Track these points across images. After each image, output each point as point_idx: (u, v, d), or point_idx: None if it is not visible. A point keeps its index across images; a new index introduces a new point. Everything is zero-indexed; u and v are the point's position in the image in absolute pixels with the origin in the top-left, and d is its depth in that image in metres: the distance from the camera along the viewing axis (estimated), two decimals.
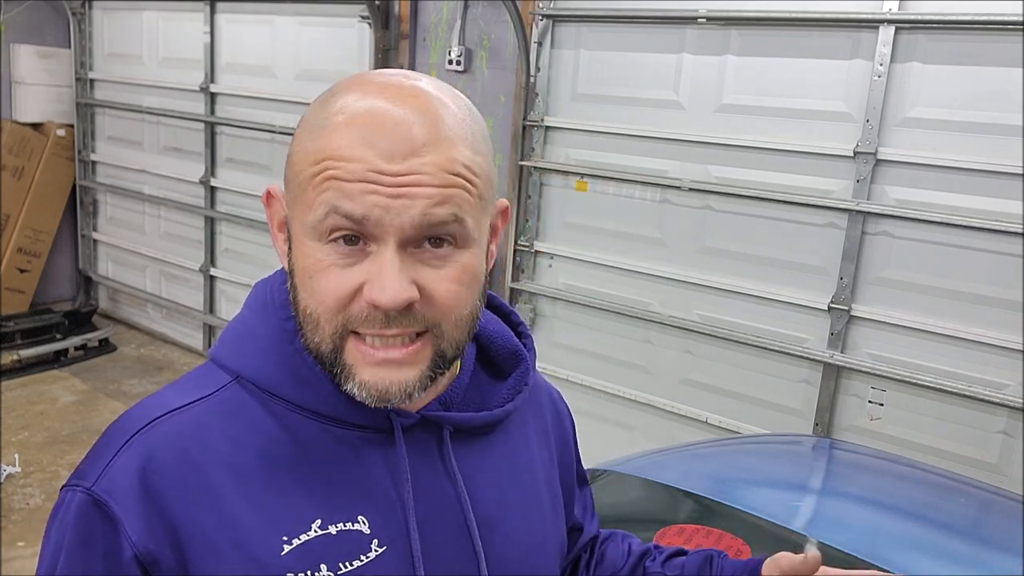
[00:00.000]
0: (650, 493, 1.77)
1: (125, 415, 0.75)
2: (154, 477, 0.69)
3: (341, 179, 0.65)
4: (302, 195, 0.68)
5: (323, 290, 0.68)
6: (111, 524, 0.68)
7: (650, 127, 3.43)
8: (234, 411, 0.73)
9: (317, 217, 0.66)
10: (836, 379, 3.11)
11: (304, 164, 0.68)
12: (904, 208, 2.90)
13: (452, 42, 3.90)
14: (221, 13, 4.96)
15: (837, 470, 2.23)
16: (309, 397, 0.74)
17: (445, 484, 0.77)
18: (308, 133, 0.69)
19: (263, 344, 0.75)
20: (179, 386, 0.77)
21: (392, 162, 0.65)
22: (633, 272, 3.56)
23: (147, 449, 0.70)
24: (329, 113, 0.68)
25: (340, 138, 0.66)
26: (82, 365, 5.09)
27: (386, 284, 0.65)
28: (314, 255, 0.68)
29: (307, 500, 0.71)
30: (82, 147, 5.84)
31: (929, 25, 2.80)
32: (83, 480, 0.70)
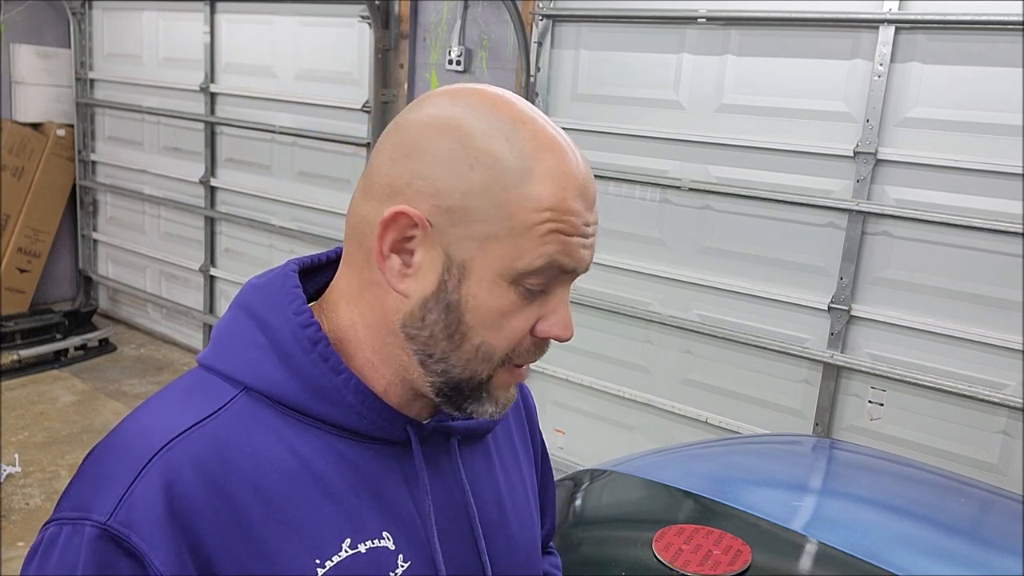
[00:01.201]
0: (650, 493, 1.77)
1: (123, 435, 0.69)
2: (180, 503, 0.63)
3: (565, 233, 0.67)
4: (510, 240, 0.67)
5: (513, 329, 0.70)
6: (135, 559, 0.62)
7: (650, 127, 3.43)
8: (250, 426, 0.69)
9: (534, 267, 0.67)
10: (836, 379, 3.11)
11: (515, 208, 0.66)
12: (904, 208, 2.90)
13: (452, 42, 3.90)
14: (221, 13, 4.96)
15: (837, 470, 2.23)
16: (328, 410, 0.71)
17: (455, 493, 0.78)
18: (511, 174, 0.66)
19: (276, 352, 0.71)
20: (176, 400, 0.71)
21: (591, 212, 0.70)
22: (633, 272, 3.56)
23: (169, 473, 0.64)
24: (525, 152, 0.67)
25: (559, 186, 0.67)
26: (82, 365, 5.09)
27: (567, 322, 0.71)
28: (508, 297, 0.69)
29: (334, 519, 0.69)
30: (82, 147, 5.84)
31: (929, 25, 2.80)
32: (88, 513, 0.63)
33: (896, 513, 1.82)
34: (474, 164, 0.66)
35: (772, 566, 1.46)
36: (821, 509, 1.86)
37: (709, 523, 1.56)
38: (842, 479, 2.15)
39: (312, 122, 4.57)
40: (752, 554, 1.43)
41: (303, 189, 4.70)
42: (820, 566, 1.55)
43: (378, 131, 4.24)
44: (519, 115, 0.69)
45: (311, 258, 0.81)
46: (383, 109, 4.25)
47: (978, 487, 2.12)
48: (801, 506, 1.83)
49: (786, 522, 1.60)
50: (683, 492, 1.74)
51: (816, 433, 3.14)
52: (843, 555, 1.48)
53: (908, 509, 1.86)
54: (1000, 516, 1.93)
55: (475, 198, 0.66)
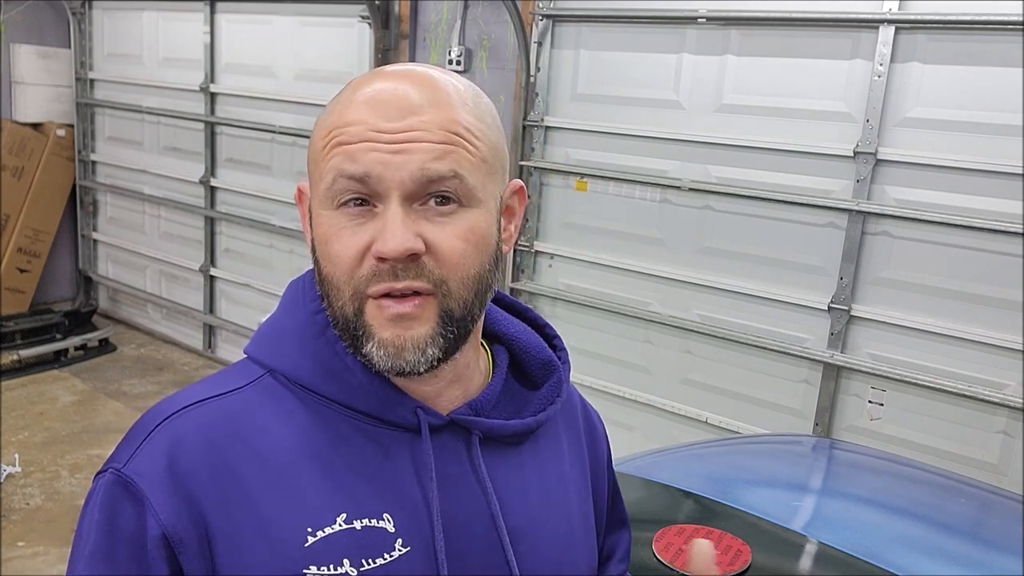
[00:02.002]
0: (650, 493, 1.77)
1: (155, 406, 0.76)
2: (181, 460, 0.70)
3: (344, 143, 0.69)
4: (315, 169, 0.72)
5: (337, 252, 0.70)
6: (138, 502, 0.69)
7: (650, 127, 3.43)
8: (265, 402, 0.74)
9: (327, 184, 0.70)
10: (836, 379, 3.11)
11: (315, 140, 0.73)
12: (904, 208, 2.90)
13: (452, 42, 3.90)
14: (221, 13, 4.96)
15: (837, 470, 2.23)
16: (340, 391, 0.74)
17: (475, 490, 0.77)
18: (323, 118, 0.74)
19: (294, 338, 0.77)
20: (213, 380, 0.78)
21: (392, 120, 0.69)
22: (633, 272, 3.56)
23: (175, 434, 0.71)
24: (341, 96, 0.73)
25: (345, 108, 0.71)
26: (82, 365, 5.09)
27: (388, 236, 0.67)
28: (327, 221, 0.71)
29: (334, 493, 0.71)
30: (82, 147, 5.84)
31: (929, 25, 2.80)
32: (113, 463, 0.72)
33: (896, 513, 1.82)
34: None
35: (772, 566, 1.46)
36: (821, 509, 1.86)
37: (709, 523, 1.56)
38: (842, 479, 2.15)
39: (312, 122, 4.54)
40: (752, 554, 1.43)
41: None
42: (820, 566, 1.55)
43: None
44: (365, 74, 0.75)
45: None
46: None
47: (978, 487, 2.12)
48: (801, 506, 1.83)
49: (786, 522, 1.60)
50: (683, 492, 1.74)
51: (816, 433, 3.14)
52: (843, 555, 1.48)
53: (908, 509, 1.86)
54: (1000, 516, 1.93)
55: (308, 152, 0.75)
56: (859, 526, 1.68)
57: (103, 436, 4.15)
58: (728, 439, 3.10)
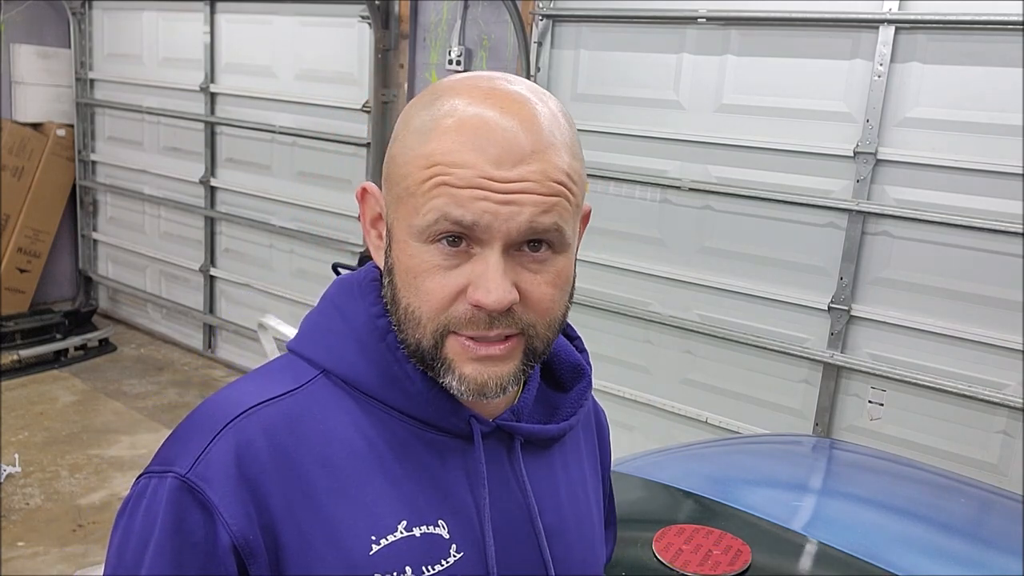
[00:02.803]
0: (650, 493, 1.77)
1: (209, 404, 0.74)
2: (251, 465, 0.68)
3: (452, 185, 0.66)
4: (409, 198, 0.69)
5: (428, 290, 0.69)
6: (207, 511, 0.67)
7: (650, 127, 3.43)
8: (324, 405, 0.74)
9: (426, 222, 0.67)
10: (836, 379, 3.11)
11: (411, 167, 0.69)
12: (904, 208, 2.90)
13: (452, 42, 3.90)
14: (221, 13, 4.96)
15: (837, 470, 2.23)
16: (398, 396, 0.74)
17: (516, 493, 0.78)
18: (414, 135, 0.69)
19: (353, 340, 0.75)
20: (262, 377, 0.76)
21: (501, 168, 0.66)
22: (633, 272, 3.56)
23: (242, 438, 0.69)
24: (436, 116, 0.69)
25: (450, 143, 0.67)
26: (82, 365, 5.09)
27: (491, 287, 0.66)
28: (419, 256, 0.69)
29: (394, 500, 0.72)
30: (82, 147, 5.84)
31: (929, 25, 2.80)
32: (172, 466, 0.69)
33: (896, 513, 1.82)
34: (397, 132, 0.73)
35: (772, 566, 1.46)
36: (821, 509, 1.86)
37: (709, 523, 1.56)
38: (842, 479, 2.15)
39: (312, 122, 4.57)
40: (752, 554, 1.43)
41: (303, 189, 4.70)
42: (820, 566, 1.55)
43: (378, 131, 4.24)
44: (451, 86, 0.71)
45: None
46: (383, 109, 4.25)
47: (978, 487, 2.12)
48: (801, 506, 1.83)
49: (786, 522, 1.60)
50: (683, 492, 1.74)
51: (816, 433, 3.14)
52: (843, 555, 1.48)
53: (908, 509, 1.86)
54: (1000, 516, 1.93)
55: (393, 166, 0.72)
56: (859, 526, 1.68)
57: (103, 436, 4.15)
58: (728, 439, 3.10)
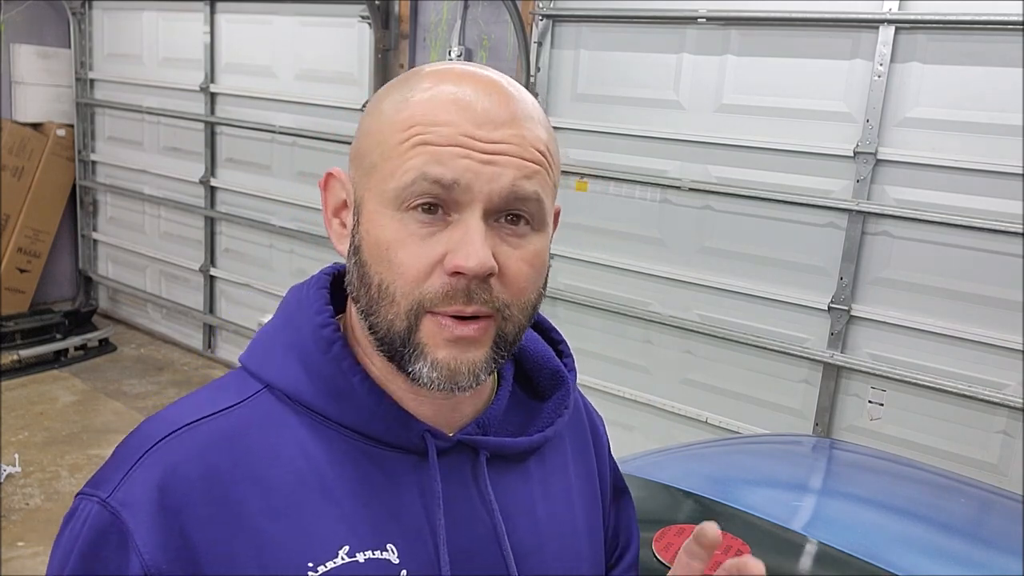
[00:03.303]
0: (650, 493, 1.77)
1: (149, 422, 0.70)
2: (174, 492, 0.64)
3: (432, 143, 0.64)
4: (383, 164, 0.66)
5: (402, 261, 0.64)
6: (122, 537, 0.64)
7: (650, 127, 3.43)
8: (264, 422, 0.69)
9: (402, 183, 0.64)
10: (836, 379, 3.11)
11: (385, 133, 0.66)
12: (904, 208, 2.90)
13: (452, 42, 3.90)
14: (221, 13, 4.96)
15: (837, 470, 2.23)
16: (344, 411, 0.70)
17: (481, 513, 0.73)
18: (388, 110, 0.67)
19: (296, 351, 0.71)
20: (206, 394, 0.73)
21: (483, 129, 0.64)
22: (633, 272, 3.56)
23: (168, 461, 0.66)
24: (411, 90, 0.67)
25: (429, 106, 0.65)
26: (82, 365, 5.09)
27: (472, 251, 0.63)
28: (391, 225, 0.65)
29: (336, 523, 0.67)
30: (82, 147, 5.84)
31: (929, 25, 2.80)
32: (98, 490, 0.66)
33: (896, 513, 1.82)
34: (369, 112, 0.70)
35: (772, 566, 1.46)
36: (821, 509, 1.86)
37: None
38: (842, 479, 2.15)
39: (312, 122, 4.57)
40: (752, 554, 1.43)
41: (303, 189, 4.70)
42: (820, 566, 1.55)
43: None
44: (435, 69, 0.69)
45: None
46: None
47: (978, 487, 2.12)
48: (801, 506, 1.83)
49: (786, 522, 1.60)
50: (683, 492, 1.74)
51: (816, 433, 3.14)
52: (843, 555, 1.48)
53: (908, 509, 1.86)
54: (1000, 516, 1.93)
55: (363, 137, 0.69)
56: (859, 526, 1.68)
57: (103, 436, 4.14)
58: (728, 439, 3.10)
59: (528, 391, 0.84)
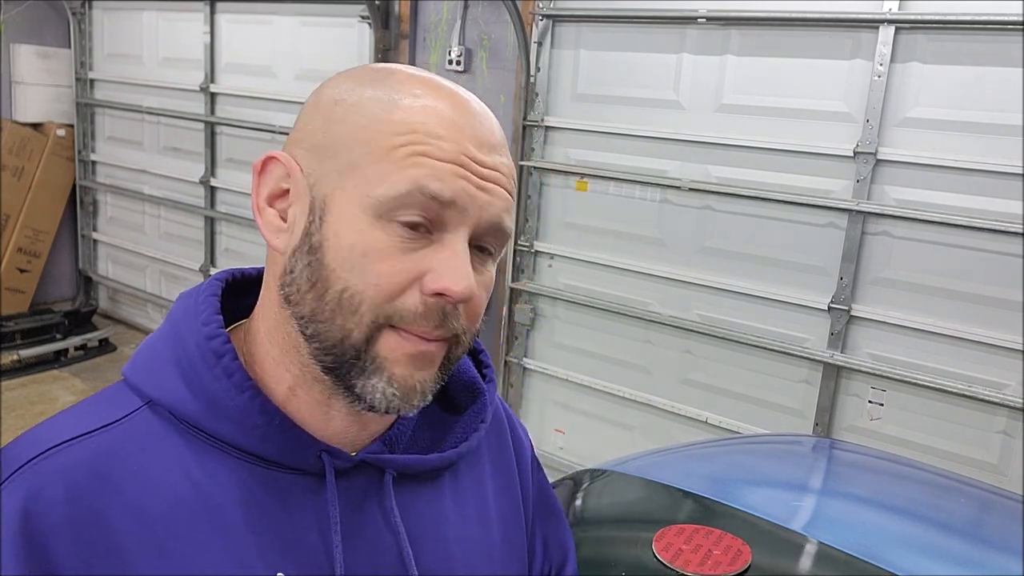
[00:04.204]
0: (650, 493, 1.77)
1: (16, 441, 0.63)
2: (40, 519, 0.58)
3: (432, 156, 0.61)
4: (370, 166, 0.61)
5: (379, 272, 0.60)
6: None
7: (650, 127, 3.43)
8: (144, 442, 0.63)
9: (395, 192, 0.60)
10: (836, 379, 3.11)
11: (374, 132, 0.62)
12: (904, 208, 2.91)
13: (452, 42, 3.90)
14: (221, 13, 4.96)
15: (837, 470, 2.23)
16: (233, 431, 0.64)
17: (385, 537, 0.68)
18: (374, 104, 0.63)
19: (180, 365, 0.65)
20: (81, 410, 0.66)
21: (481, 151, 0.63)
22: (633, 272, 3.56)
23: (33, 486, 0.59)
24: (400, 91, 0.64)
25: (427, 113, 0.62)
26: (82, 365, 5.09)
27: (460, 274, 0.61)
28: (371, 232, 0.60)
29: (222, 553, 0.62)
30: (82, 147, 5.84)
31: (929, 25, 2.80)
32: None
33: (896, 513, 1.82)
34: (339, 101, 0.65)
35: (772, 566, 1.46)
36: (821, 509, 1.86)
37: (709, 523, 1.56)
38: (842, 479, 2.15)
39: None
40: (752, 554, 1.43)
41: None
42: (820, 566, 1.55)
43: None
44: (404, 71, 0.67)
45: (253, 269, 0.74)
46: None
47: (978, 487, 2.12)
48: (801, 506, 1.83)
49: (786, 522, 1.60)
50: (683, 492, 1.74)
51: (816, 433, 3.14)
52: (843, 555, 1.48)
53: (908, 509, 1.86)
54: (1000, 516, 1.93)
55: (334, 129, 0.64)
56: (859, 526, 1.68)
57: None
58: (728, 439, 3.10)
59: (443, 404, 0.80)
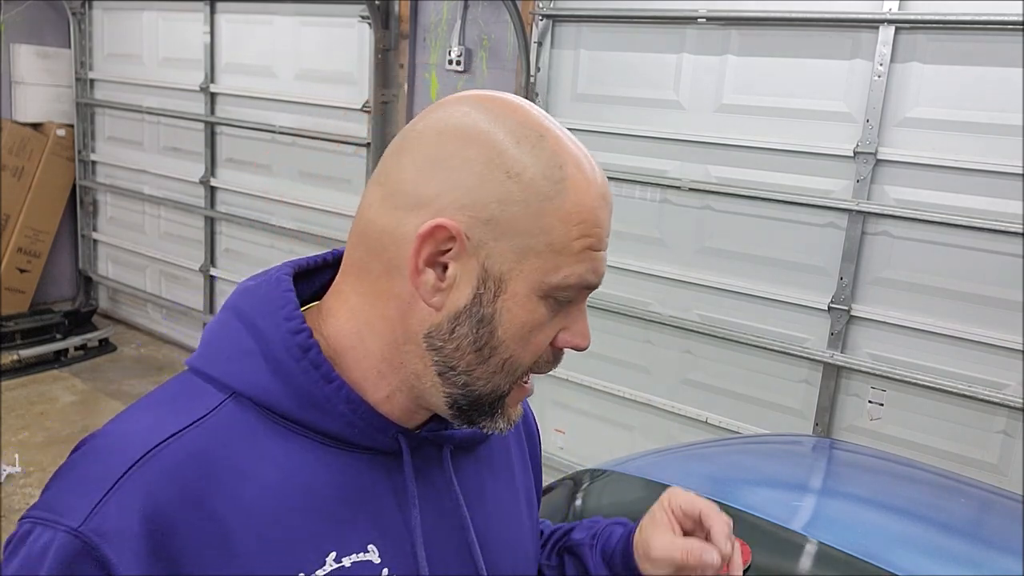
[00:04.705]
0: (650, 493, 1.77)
1: (104, 441, 0.66)
2: (155, 517, 0.61)
3: (595, 248, 0.70)
4: (549, 255, 0.67)
5: (538, 343, 0.70)
6: (98, 569, 0.60)
7: (650, 127, 3.43)
8: (236, 435, 0.67)
9: (564, 283, 0.68)
10: (836, 379, 3.11)
11: (554, 220, 0.67)
12: (904, 208, 2.90)
13: (452, 42, 3.90)
14: (221, 13, 4.96)
15: (837, 470, 2.23)
16: (316, 418, 0.69)
17: (447, 504, 0.77)
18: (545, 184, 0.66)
19: (267, 358, 0.68)
20: (162, 406, 0.69)
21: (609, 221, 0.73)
22: (633, 272, 3.56)
23: (146, 487, 0.62)
24: (561, 164, 0.67)
25: (588, 199, 0.68)
26: (82, 365, 5.09)
27: (587, 332, 0.73)
28: (537, 310, 0.69)
29: (320, 531, 0.68)
30: (82, 147, 5.84)
31: (929, 25, 2.80)
32: (62, 517, 0.61)
33: (896, 513, 1.82)
34: (509, 173, 0.66)
35: (772, 566, 1.46)
36: (821, 509, 1.86)
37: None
38: (842, 479, 2.15)
39: (312, 122, 4.57)
40: (752, 554, 1.43)
41: (303, 189, 4.70)
42: (820, 566, 1.55)
43: (378, 131, 4.24)
44: (541, 124, 0.69)
45: (308, 260, 0.78)
46: (383, 109, 4.25)
47: (978, 487, 2.12)
48: (801, 506, 1.83)
49: (786, 522, 1.60)
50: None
51: (816, 433, 3.14)
52: (843, 555, 1.48)
53: (908, 509, 1.86)
54: (1000, 516, 1.93)
55: (512, 209, 0.66)
56: (859, 526, 1.68)
57: None
58: (728, 439, 3.10)
59: None
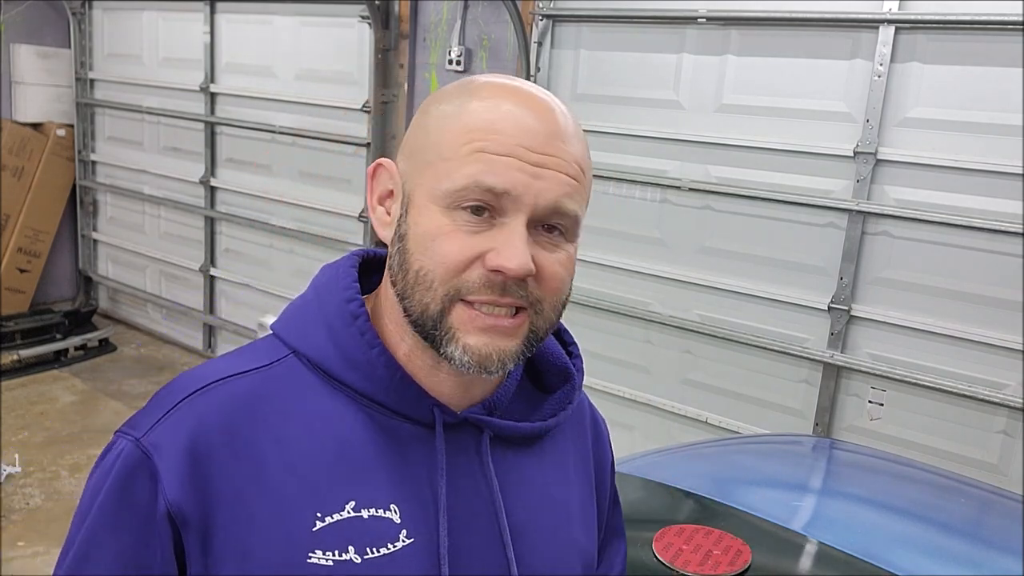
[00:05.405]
0: (650, 493, 1.77)
1: (183, 376, 0.77)
2: (201, 440, 0.71)
3: (488, 151, 0.69)
4: (440, 164, 0.71)
5: (444, 252, 0.70)
6: (151, 477, 0.70)
7: (650, 127, 3.43)
8: (289, 383, 0.76)
9: (456, 186, 0.69)
10: (836, 379, 3.11)
11: (445, 134, 0.72)
12: (904, 208, 2.90)
13: (452, 42, 3.90)
14: (221, 13, 4.96)
15: (837, 470, 2.23)
16: (361, 381, 0.76)
17: (481, 487, 0.79)
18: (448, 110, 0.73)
19: (323, 323, 0.77)
20: (239, 355, 0.79)
21: (536, 141, 0.70)
22: (633, 272, 3.56)
23: (198, 412, 0.72)
24: (472, 97, 0.73)
25: (488, 115, 0.71)
26: (82, 365, 5.09)
27: (515, 253, 0.69)
28: (438, 220, 0.71)
29: (346, 481, 0.73)
30: (82, 147, 5.84)
31: (929, 25, 2.80)
32: (134, 430, 0.73)
33: (896, 513, 1.82)
34: (426, 112, 0.76)
35: (772, 566, 1.46)
36: (821, 509, 1.86)
37: (709, 523, 1.56)
38: (842, 479, 2.15)
39: (312, 122, 4.57)
40: (752, 554, 1.43)
41: (303, 189, 4.70)
42: (820, 566, 1.55)
43: (378, 131, 4.24)
44: (490, 79, 0.75)
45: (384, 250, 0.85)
46: (383, 109, 4.25)
47: (978, 487, 2.12)
48: (801, 506, 1.83)
49: (786, 522, 1.60)
50: (683, 492, 1.74)
51: (816, 433, 3.14)
52: (843, 555, 1.48)
53: (908, 509, 1.86)
54: (1000, 516, 1.93)
55: (420, 135, 0.75)
56: (859, 526, 1.68)
57: (103, 436, 4.14)
58: (728, 439, 3.10)
59: (536, 383, 0.89)
